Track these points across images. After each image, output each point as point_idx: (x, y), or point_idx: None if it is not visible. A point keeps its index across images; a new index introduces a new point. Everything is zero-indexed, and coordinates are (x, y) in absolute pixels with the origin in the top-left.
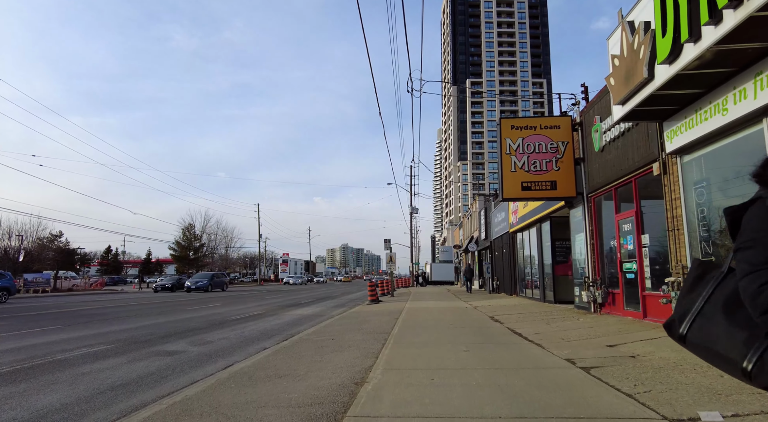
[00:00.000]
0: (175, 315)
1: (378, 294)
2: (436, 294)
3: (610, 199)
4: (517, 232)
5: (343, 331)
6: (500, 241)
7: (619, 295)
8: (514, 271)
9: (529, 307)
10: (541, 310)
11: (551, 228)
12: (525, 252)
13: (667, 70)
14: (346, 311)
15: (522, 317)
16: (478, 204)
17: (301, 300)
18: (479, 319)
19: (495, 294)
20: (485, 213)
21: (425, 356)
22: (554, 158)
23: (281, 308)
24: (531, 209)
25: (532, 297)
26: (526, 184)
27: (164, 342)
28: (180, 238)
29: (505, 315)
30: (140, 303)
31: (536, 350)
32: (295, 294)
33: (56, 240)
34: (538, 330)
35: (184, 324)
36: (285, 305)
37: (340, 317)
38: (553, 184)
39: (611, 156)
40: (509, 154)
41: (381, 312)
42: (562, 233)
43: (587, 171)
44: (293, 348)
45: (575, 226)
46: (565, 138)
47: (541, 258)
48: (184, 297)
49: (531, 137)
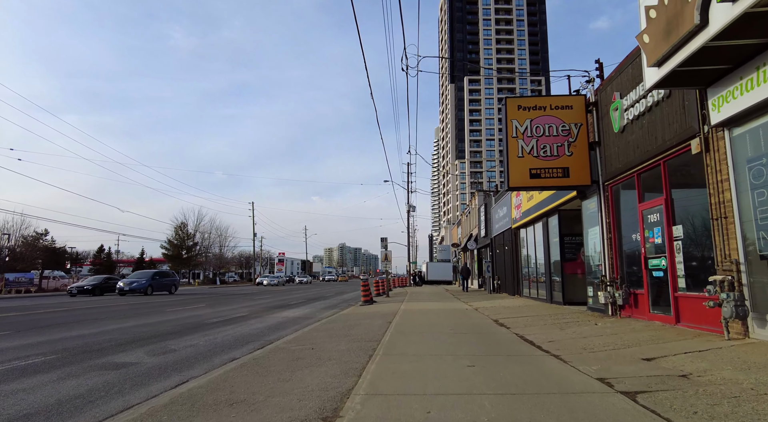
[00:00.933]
0: (150, 318)
1: (372, 294)
2: (434, 295)
3: (631, 187)
4: (521, 228)
5: (326, 338)
6: (501, 238)
7: (643, 296)
8: (516, 270)
9: (536, 309)
10: (550, 313)
11: (560, 222)
12: (529, 250)
13: (730, 9)
14: (336, 313)
15: (530, 321)
16: (477, 200)
17: (291, 301)
18: (482, 323)
19: (496, 295)
20: (485, 210)
21: (420, 374)
22: (566, 142)
23: (268, 310)
24: (536, 202)
25: (537, 298)
26: (535, 170)
27: (119, 352)
28: (172, 237)
29: (511, 319)
30: (120, 303)
31: (556, 364)
32: (286, 294)
33: (42, 239)
34: (552, 337)
35: (154, 328)
36: (273, 306)
37: (328, 320)
38: (565, 171)
39: (634, 136)
40: (516, 138)
41: (373, 315)
42: (572, 228)
43: (604, 156)
44: (264, 360)
45: (588, 219)
46: (578, 119)
47: (548, 255)
48: (137, 300)
49: (540, 119)
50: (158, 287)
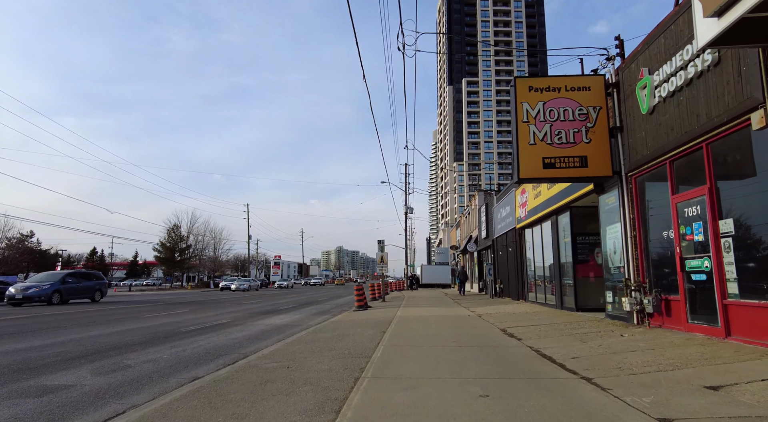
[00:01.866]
0: (122, 325)
1: (367, 299)
2: (433, 299)
3: (661, 177)
4: (526, 228)
5: (308, 352)
6: (504, 240)
7: (678, 303)
8: (521, 273)
9: (546, 316)
10: (564, 321)
11: (572, 220)
12: (536, 251)
13: None
14: (327, 320)
15: (543, 331)
16: (477, 200)
17: (281, 306)
18: (489, 334)
19: (498, 299)
20: (486, 210)
21: (418, 409)
22: (584, 127)
23: (254, 316)
24: (545, 199)
25: (545, 303)
26: (549, 159)
27: (59, 369)
28: (165, 239)
29: (521, 328)
30: (94, 308)
31: (593, 393)
32: (278, 298)
33: (27, 241)
34: (575, 353)
35: (118, 338)
36: (260, 312)
37: (315, 329)
38: (583, 160)
39: (668, 117)
40: (526, 123)
41: (366, 322)
42: (586, 226)
43: (627, 143)
44: (225, 383)
45: (607, 216)
46: (596, 102)
47: (558, 257)
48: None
49: (554, 101)
50: (72, 293)
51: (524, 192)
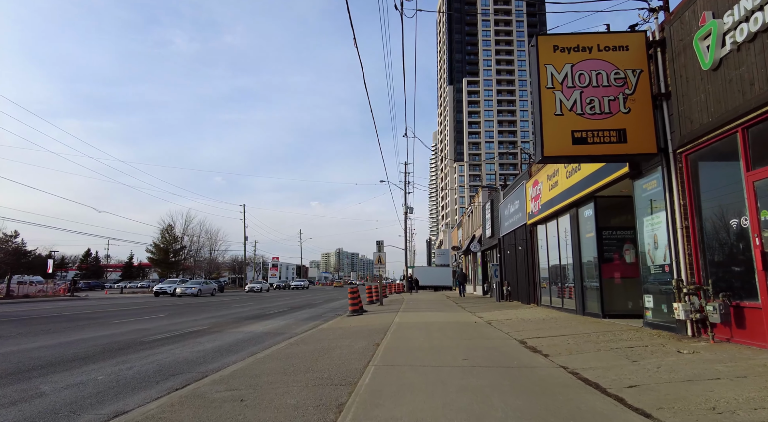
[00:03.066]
0: (79, 333)
1: (363, 303)
2: (434, 303)
3: (723, 152)
4: (539, 224)
5: (278, 374)
6: (512, 238)
7: (758, 312)
8: (532, 274)
9: (568, 324)
10: (592, 329)
11: (596, 212)
12: (551, 249)
13: None
14: (315, 328)
15: (573, 343)
16: (481, 197)
17: (270, 310)
18: (506, 347)
19: (506, 303)
20: (491, 207)
21: None
22: (621, 95)
23: (236, 321)
24: (562, 190)
25: (562, 308)
26: (579, 133)
27: None
28: (158, 240)
29: (544, 339)
30: (70, 312)
31: None
32: (270, 301)
33: (10, 242)
34: (629, 378)
35: (60, 351)
36: (245, 317)
37: (298, 340)
38: (621, 135)
39: (743, 69)
40: (551, 89)
41: (359, 331)
42: (613, 219)
43: (677, 112)
44: None
45: (644, 204)
46: (636, 64)
47: (579, 255)
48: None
49: (585, 63)
50: None
51: (537, 183)
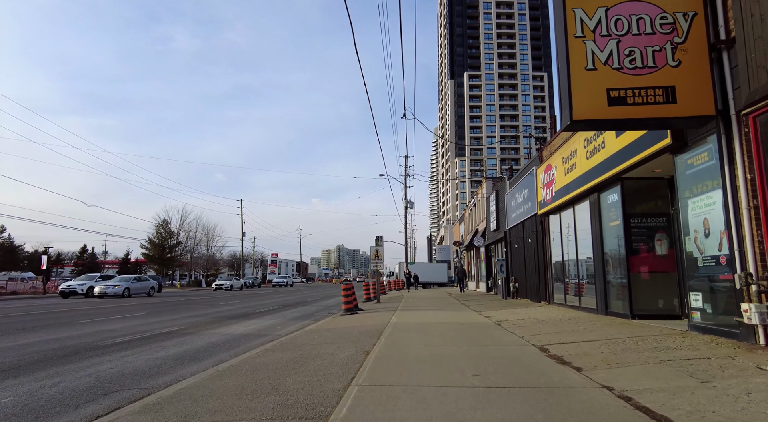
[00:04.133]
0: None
1: (357, 300)
2: (435, 300)
3: None
4: (551, 214)
5: (232, 398)
6: (521, 230)
7: None
8: (543, 269)
9: (591, 326)
10: (624, 334)
11: (623, 197)
12: (565, 241)
13: None
14: (303, 329)
15: (608, 351)
16: (485, 188)
17: (259, 308)
18: (525, 357)
19: (514, 301)
20: (496, 198)
21: None
22: (669, 44)
23: (219, 321)
24: (582, 172)
25: (580, 307)
26: (616, 92)
27: None
28: (153, 236)
29: (569, 346)
30: (41, 310)
31: None
32: (263, 298)
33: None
34: (722, 414)
35: None
36: (230, 316)
37: (275, 346)
38: (669, 93)
39: None
40: (581, 38)
41: (349, 333)
42: (642, 204)
43: (745, 63)
44: None
45: (691, 183)
46: (688, 5)
47: (600, 246)
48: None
49: (622, 6)
50: None
51: (549, 169)
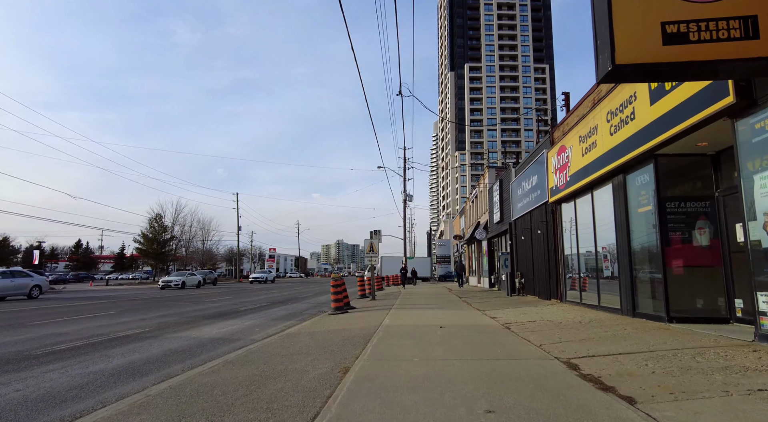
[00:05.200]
0: None
1: (349, 298)
2: (434, 297)
3: None
4: (565, 201)
5: None
6: (528, 220)
7: None
8: (554, 263)
9: (622, 330)
10: (671, 344)
11: (657, 177)
12: (582, 231)
13: None
14: (282, 331)
15: (660, 371)
16: (488, 178)
17: (245, 306)
18: (551, 378)
19: (520, 298)
20: (500, 188)
21: None
22: None
23: (193, 321)
24: (604, 151)
25: (599, 306)
26: (674, 26)
27: None
28: (147, 230)
29: (602, 359)
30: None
31: None
32: (253, 295)
33: None
34: None
35: None
36: (210, 314)
37: (239, 356)
38: (748, 26)
39: None
40: None
41: (331, 340)
42: (679, 187)
43: None
44: None
45: (758, 152)
46: None
47: (627, 236)
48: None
49: None
50: None
51: (563, 150)
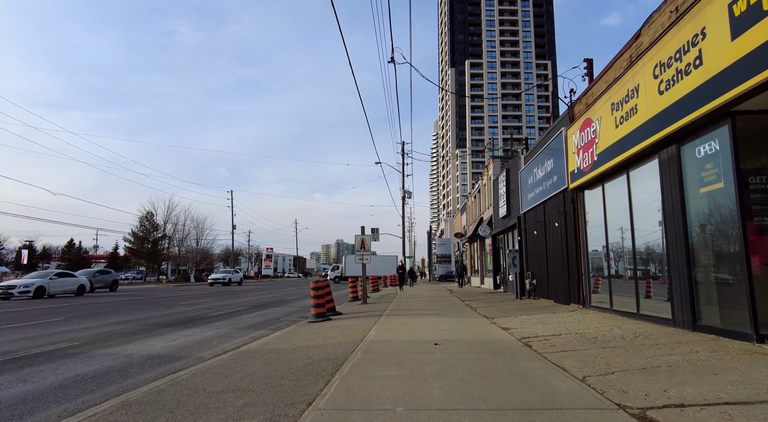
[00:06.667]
0: None
1: (335, 302)
2: (433, 301)
3: None
4: (589, 187)
5: None
6: (540, 213)
7: None
8: (574, 261)
9: (696, 354)
10: None
11: (734, 144)
12: (612, 221)
13: None
14: (236, 349)
15: None
16: (492, 169)
17: (220, 310)
18: None
19: (532, 301)
20: (506, 178)
21: None
22: None
23: (146, 330)
24: (648, 118)
25: (639, 314)
26: None
27: None
28: (137, 229)
29: (699, 413)
30: None
31: None
32: (237, 297)
33: None
34: None
35: None
36: (172, 321)
37: (159, 388)
38: None
39: None
40: None
41: (288, 366)
42: (761, 157)
43: None
44: None
45: None
46: None
47: (683, 225)
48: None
49: None
50: None
51: (588, 124)
